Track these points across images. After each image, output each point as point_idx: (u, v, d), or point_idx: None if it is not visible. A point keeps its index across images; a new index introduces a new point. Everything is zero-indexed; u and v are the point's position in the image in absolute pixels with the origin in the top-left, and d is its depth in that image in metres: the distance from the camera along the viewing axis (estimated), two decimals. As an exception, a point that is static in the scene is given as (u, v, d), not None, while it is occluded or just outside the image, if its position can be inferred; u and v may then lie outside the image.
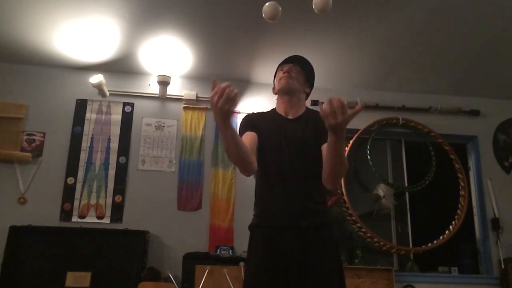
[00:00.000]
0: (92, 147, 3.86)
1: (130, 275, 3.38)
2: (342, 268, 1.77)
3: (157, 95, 4.00)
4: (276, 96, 2.03)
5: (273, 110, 2.00)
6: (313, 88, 2.07)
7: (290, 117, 1.92)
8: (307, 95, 2.05)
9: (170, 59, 3.87)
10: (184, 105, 4.06)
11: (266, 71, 4.00)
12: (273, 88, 2.06)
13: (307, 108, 1.99)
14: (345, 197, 3.92)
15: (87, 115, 3.93)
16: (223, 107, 1.44)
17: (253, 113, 2.04)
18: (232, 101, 1.44)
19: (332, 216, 1.92)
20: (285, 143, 1.83)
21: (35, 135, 3.83)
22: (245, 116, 2.00)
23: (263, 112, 2.02)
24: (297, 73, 1.96)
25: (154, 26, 3.45)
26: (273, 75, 2.11)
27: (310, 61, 2.10)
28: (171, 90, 4.04)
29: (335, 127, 1.49)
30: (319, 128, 1.79)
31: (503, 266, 3.88)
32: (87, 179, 3.77)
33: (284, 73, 1.95)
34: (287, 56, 2.11)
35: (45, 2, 3.16)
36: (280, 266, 1.69)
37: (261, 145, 1.84)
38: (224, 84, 1.44)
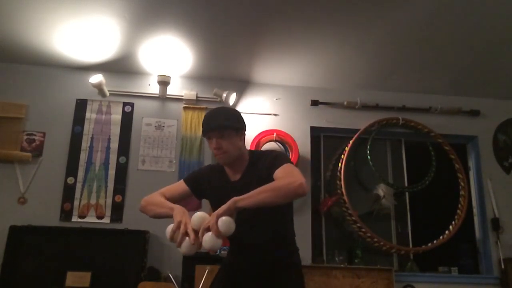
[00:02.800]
0: (92, 147, 3.86)
1: (130, 275, 3.39)
2: None
3: (157, 95, 4.00)
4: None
5: (221, 167, 1.94)
6: (245, 129, 1.94)
7: (233, 179, 1.89)
8: (244, 136, 1.94)
9: (170, 59, 3.87)
10: (184, 105, 4.06)
11: (266, 71, 4.00)
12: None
13: (250, 156, 1.90)
14: (345, 197, 3.92)
15: (87, 115, 3.93)
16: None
17: (200, 172, 2.02)
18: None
19: (298, 254, 1.96)
20: None
21: (35, 135, 3.83)
22: (192, 175, 2.01)
23: (210, 172, 1.98)
24: (227, 143, 1.80)
25: (154, 26, 3.45)
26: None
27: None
28: (171, 90, 4.04)
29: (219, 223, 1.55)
30: (265, 170, 1.76)
31: (503, 266, 3.88)
32: (87, 179, 3.77)
33: (215, 149, 1.83)
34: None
35: (45, 2, 3.16)
36: None
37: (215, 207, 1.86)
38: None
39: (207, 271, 3.33)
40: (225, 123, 1.80)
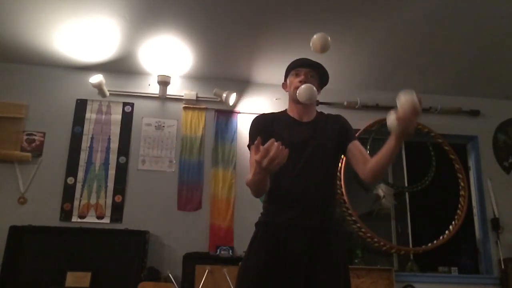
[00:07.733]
0: (92, 147, 3.86)
1: (130, 275, 3.38)
2: (348, 271, 1.80)
3: (157, 95, 4.00)
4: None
5: (285, 112, 2.00)
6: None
7: (304, 120, 1.93)
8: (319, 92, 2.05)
9: (170, 59, 3.87)
10: (184, 105, 4.06)
11: (266, 71, 4.00)
12: (284, 84, 2.07)
13: (317, 111, 2.01)
14: (345, 197, 3.92)
15: (87, 115, 3.93)
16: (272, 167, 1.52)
17: (265, 114, 2.02)
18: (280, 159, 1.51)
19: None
20: (300, 145, 1.83)
21: (35, 135, 3.83)
22: (257, 120, 1.97)
23: (275, 114, 2.01)
24: (313, 81, 1.95)
25: (154, 26, 3.45)
26: (283, 75, 2.11)
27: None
28: (171, 90, 4.04)
29: (407, 133, 1.63)
30: (338, 130, 1.91)
31: (503, 266, 3.88)
32: (87, 179, 3.77)
33: (300, 81, 1.92)
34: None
35: (45, 2, 3.16)
36: (284, 262, 1.69)
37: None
38: (272, 147, 1.50)
39: (207, 271, 3.34)
40: (320, 67, 2.02)
